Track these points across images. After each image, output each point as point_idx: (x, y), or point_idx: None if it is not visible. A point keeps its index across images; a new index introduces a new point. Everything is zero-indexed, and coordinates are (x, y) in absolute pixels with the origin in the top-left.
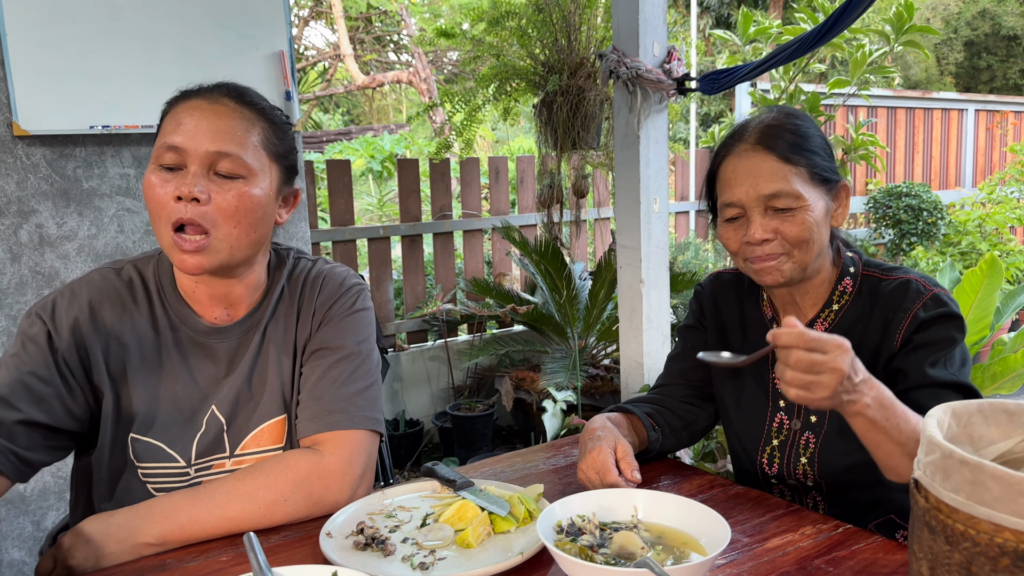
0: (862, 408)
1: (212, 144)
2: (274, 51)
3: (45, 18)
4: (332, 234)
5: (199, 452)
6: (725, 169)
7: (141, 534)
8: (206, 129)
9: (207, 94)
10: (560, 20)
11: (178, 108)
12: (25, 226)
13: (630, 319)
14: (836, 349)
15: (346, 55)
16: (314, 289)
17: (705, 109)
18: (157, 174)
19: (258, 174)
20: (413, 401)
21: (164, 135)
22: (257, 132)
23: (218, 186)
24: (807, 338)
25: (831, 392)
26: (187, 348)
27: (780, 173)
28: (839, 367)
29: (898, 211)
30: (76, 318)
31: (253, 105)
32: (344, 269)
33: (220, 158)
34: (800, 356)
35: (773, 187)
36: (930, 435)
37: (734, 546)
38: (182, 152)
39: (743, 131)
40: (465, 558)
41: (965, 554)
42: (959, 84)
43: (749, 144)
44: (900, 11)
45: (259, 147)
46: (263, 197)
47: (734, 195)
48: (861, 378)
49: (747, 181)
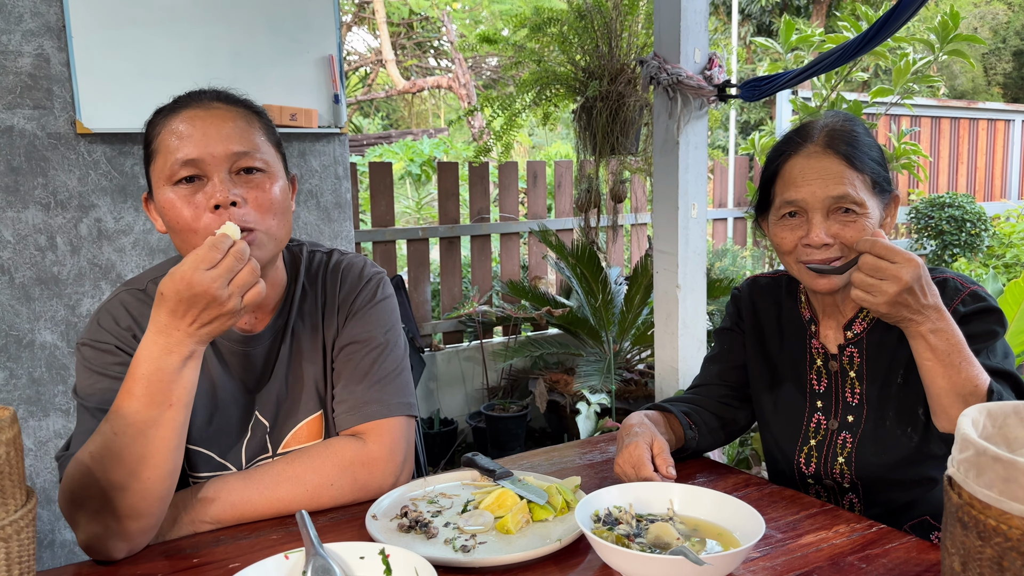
0: (924, 332)
1: (229, 146)
2: (323, 55)
3: (108, 21)
4: (373, 235)
5: (248, 457)
6: (792, 168)
7: (196, 512)
8: (215, 134)
9: (198, 102)
10: (601, 26)
11: (172, 122)
12: (85, 220)
13: (665, 324)
14: (905, 262)
15: (388, 60)
16: (335, 283)
17: (745, 117)
18: (176, 192)
19: (273, 165)
20: (448, 400)
21: (170, 152)
22: (258, 127)
23: (246, 185)
24: (880, 245)
25: (889, 299)
26: (227, 358)
27: (848, 178)
28: (901, 277)
29: (940, 222)
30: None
31: (242, 103)
32: (361, 259)
33: (239, 158)
34: (868, 259)
35: (840, 190)
36: (964, 433)
37: (767, 541)
38: (199, 163)
39: (810, 131)
40: (505, 543)
41: (997, 549)
42: (1007, 95)
43: (819, 146)
44: (945, 20)
45: (265, 140)
46: (284, 186)
47: (799, 193)
48: (931, 302)
49: (815, 182)
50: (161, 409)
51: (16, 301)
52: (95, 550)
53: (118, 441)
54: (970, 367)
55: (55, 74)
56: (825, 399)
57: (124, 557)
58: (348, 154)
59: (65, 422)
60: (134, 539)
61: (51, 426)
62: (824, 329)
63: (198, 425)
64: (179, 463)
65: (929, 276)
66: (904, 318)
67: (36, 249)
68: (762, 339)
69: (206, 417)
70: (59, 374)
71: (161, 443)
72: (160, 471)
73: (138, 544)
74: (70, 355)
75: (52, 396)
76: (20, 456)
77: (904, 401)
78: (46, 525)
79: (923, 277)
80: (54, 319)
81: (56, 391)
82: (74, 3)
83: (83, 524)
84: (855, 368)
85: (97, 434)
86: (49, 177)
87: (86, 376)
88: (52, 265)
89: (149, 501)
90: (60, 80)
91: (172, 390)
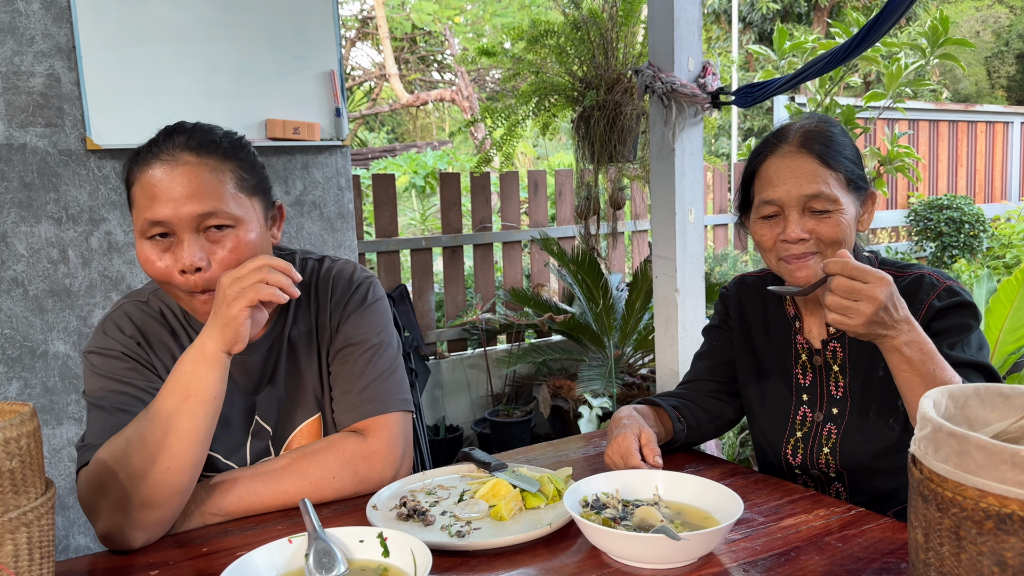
0: (899, 345)
1: (194, 208)
2: (325, 70)
3: (117, 41)
4: (377, 245)
5: (252, 459)
6: (768, 168)
7: (206, 505)
8: (180, 194)
9: (168, 153)
10: (597, 37)
11: (144, 177)
12: (96, 233)
13: (665, 328)
14: (877, 281)
15: (391, 75)
16: (327, 289)
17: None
18: (150, 246)
19: (244, 218)
20: (453, 407)
21: (141, 210)
22: (229, 178)
23: (213, 243)
24: (851, 266)
25: (866, 319)
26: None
27: (821, 176)
28: (876, 296)
29: (939, 224)
30: (132, 345)
31: (213, 150)
32: (352, 264)
33: (205, 218)
34: (841, 282)
35: (814, 188)
36: (924, 412)
37: (750, 524)
38: (167, 224)
39: (785, 133)
40: (498, 529)
41: (954, 519)
42: (1011, 97)
43: (793, 146)
44: (935, 25)
45: (236, 191)
46: (256, 236)
47: (775, 193)
48: (902, 316)
49: (790, 181)
50: (180, 400)
51: (30, 313)
52: (113, 539)
53: (143, 428)
54: (943, 372)
55: (66, 93)
56: (810, 392)
57: (141, 547)
58: (350, 166)
59: (78, 430)
60: (151, 529)
61: (65, 434)
62: (808, 325)
63: None
64: (200, 459)
65: (897, 291)
66: (879, 335)
67: (49, 262)
68: (749, 335)
69: None
70: (72, 383)
71: (182, 434)
72: (179, 462)
73: (155, 535)
74: (82, 365)
75: (65, 405)
76: (39, 448)
77: (885, 393)
78: (60, 531)
79: (894, 293)
80: (67, 330)
81: (69, 400)
82: (84, 24)
83: (104, 512)
84: (838, 362)
85: (127, 427)
86: (61, 192)
87: (95, 381)
88: (64, 277)
89: (167, 492)
90: (71, 99)
91: (189, 383)
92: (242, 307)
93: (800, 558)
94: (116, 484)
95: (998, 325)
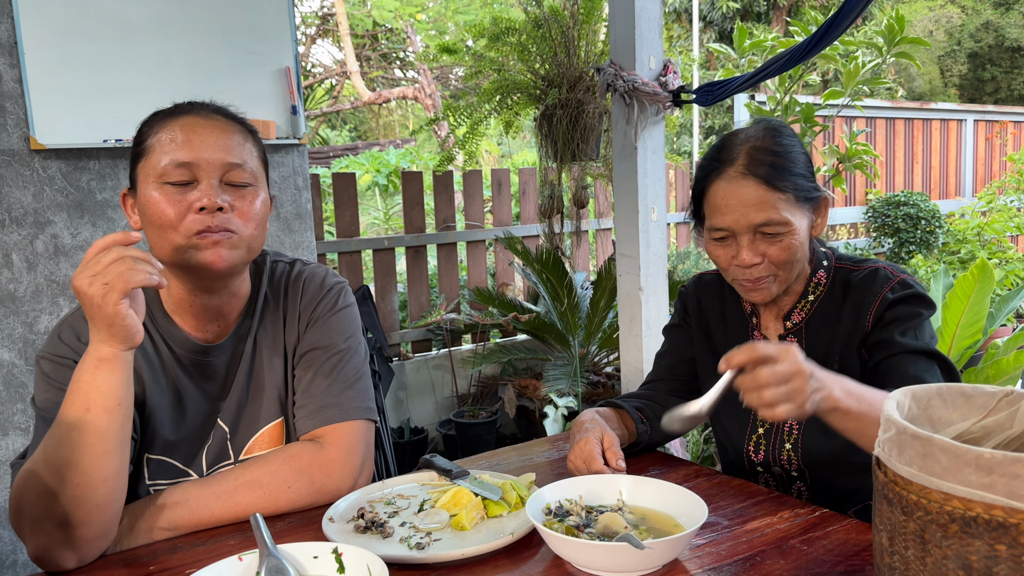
0: (835, 401)
1: (224, 156)
2: (280, 67)
3: (61, 37)
4: (338, 245)
5: (208, 463)
6: (715, 195)
7: (154, 519)
8: (213, 143)
9: (199, 111)
10: (559, 35)
11: (171, 126)
12: (41, 236)
13: (630, 326)
14: (787, 352)
15: (352, 72)
16: (296, 292)
17: (709, 122)
18: (162, 191)
19: (260, 181)
20: (418, 409)
21: (165, 152)
22: (251, 144)
23: (233, 195)
24: (760, 353)
25: (807, 394)
26: (190, 368)
27: (769, 201)
28: (800, 367)
29: (896, 220)
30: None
31: (239, 121)
32: (323, 269)
33: (231, 168)
34: (770, 371)
35: (762, 216)
36: (888, 414)
37: (714, 528)
38: (193, 167)
39: (730, 151)
40: (459, 539)
41: (919, 523)
42: (963, 95)
43: (738, 171)
44: (891, 24)
45: (256, 157)
46: (267, 202)
47: (724, 221)
48: (820, 372)
49: (737, 210)
50: (80, 412)
51: None
52: (44, 561)
53: (48, 446)
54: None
55: (7, 91)
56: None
57: (75, 568)
58: (308, 165)
59: (25, 440)
60: (81, 549)
61: (11, 445)
62: (765, 320)
63: (163, 434)
64: (116, 470)
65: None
66: (815, 401)
67: None
68: (708, 333)
69: (172, 427)
70: (17, 392)
71: (87, 448)
72: (90, 478)
73: (87, 554)
74: (28, 373)
75: (11, 415)
76: None
77: None
78: (7, 546)
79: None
80: (11, 337)
81: (15, 409)
82: (26, 19)
83: (28, 533)
84: None
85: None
86: (3, 194)
87: (44, 390)
88: (8, 283)
89: (86, 508)
90: (13, 97)
91: (88, 394)
92: (116, 300)
93: (765, 563)
94: (31, 504)
95: (955, 320)
